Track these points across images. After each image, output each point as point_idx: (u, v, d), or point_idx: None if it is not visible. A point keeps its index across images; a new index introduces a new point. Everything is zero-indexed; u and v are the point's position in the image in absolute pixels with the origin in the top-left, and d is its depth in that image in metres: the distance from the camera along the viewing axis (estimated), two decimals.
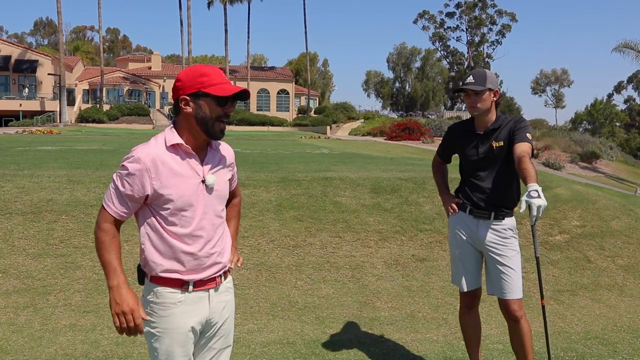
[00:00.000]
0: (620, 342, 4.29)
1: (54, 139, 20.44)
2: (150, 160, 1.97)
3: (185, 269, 2.06)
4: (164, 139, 2.04)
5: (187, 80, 2.02)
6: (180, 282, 2.06)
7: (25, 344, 3.85)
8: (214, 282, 2.13)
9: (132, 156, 1.98)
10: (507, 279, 3.26)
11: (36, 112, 42.67)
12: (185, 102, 2.02)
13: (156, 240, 2.04)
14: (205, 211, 2.08)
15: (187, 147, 2.03)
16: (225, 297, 2.21)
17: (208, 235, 2.10)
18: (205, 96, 2.00)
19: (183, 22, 49.64)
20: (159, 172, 1.98)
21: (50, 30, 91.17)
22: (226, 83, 2.02)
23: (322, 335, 4.21)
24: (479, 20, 67.75)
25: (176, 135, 2.04)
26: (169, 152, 2.01)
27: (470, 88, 3.19)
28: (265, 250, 5.49)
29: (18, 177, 6.52)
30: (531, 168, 2.96)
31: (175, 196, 2.00)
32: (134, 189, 1.98)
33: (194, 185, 2.04)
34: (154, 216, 2.04)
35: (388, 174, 8.00)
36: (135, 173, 1.96)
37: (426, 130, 32.98)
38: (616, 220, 6.71)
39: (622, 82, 68.86)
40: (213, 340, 2.20)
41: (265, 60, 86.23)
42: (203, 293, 2.11)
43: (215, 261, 2.13)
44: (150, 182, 1.97)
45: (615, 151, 31.82)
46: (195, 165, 2.06)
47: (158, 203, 2.01)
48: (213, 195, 2.11)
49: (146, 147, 2.00)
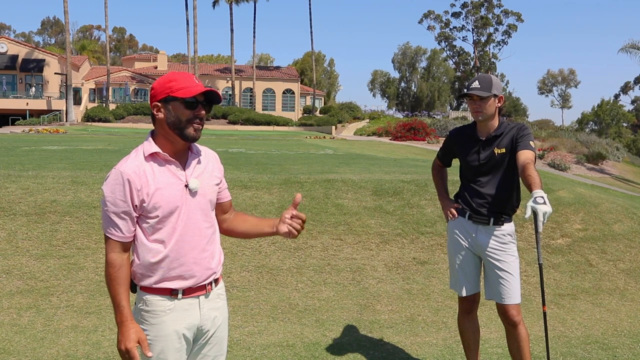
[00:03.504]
0: (620, 346, 4.29)
1: (60, 138, 20.55)
2: (133, 173, 1.98)
3: (173, 277, 2.06)
4: (142, 150, 2.05)
5: (158, 87, 2.05)
6: (169, 290, 2.06)
7: (27, 344, 3.89)
8: (204, 289, 2.13)
9: (113, 171, 2.00)
10: (506, 284, 3.27)
11: (43, 111, 42.90)
12: (157, 108, 2.05)
13: (142, 252, 2.05)
14: (191, 216, 2.08)
15: (164, 155, 2.04)
16: (217, 304, 2.20)
17: (195, 241, 2.09)
18: (173, 100, 2.02)
19: (189, 22, 49.88)
20: (142, 184, 1.98)
21: (57, 30, 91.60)
22: (193, 86, 2.02)
23: (322, 337, 4.23)
24: (485, 20, 67.54)
25: (153, 144, 2.05)
26: (148, 162, 2.03)
27: (476, 94, 3.19)
28: (266, 252, 5.51)
29: (22, 178, 6.58)
30: (536, 175, 2.97)
31: (159, 205, 2.00)
32: (126, 201, 1.98)
33: (177, 191, 2.04)
34: (139, 227, 2.04)
35: (390, 176, 8.01)
36: (119, 188, 1.97)
37: (431, 130, 32.96)
38: (619, 223, 6.69)
39: (629, 83, 68.53)
40: (206, 347, 2.19)
41: (271, 59, 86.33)
42: (193, 300, 2.10)
43: (205, 267, 2.12)
44: (135, 195, 1.98)
45: (622, 152, 31.65)
46: (176, 171, 2.06)
47: (144, 214, 2.01)
48: (198, 200, 2.10)
49: (125, 161, 2.02)
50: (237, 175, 7.56)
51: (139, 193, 1.98)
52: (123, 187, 1.97)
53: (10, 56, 46.46)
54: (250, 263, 5.31)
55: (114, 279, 2.00)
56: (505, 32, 68.36)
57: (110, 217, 1.99)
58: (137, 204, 1.99)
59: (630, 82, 68.11)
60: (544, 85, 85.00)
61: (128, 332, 1.99)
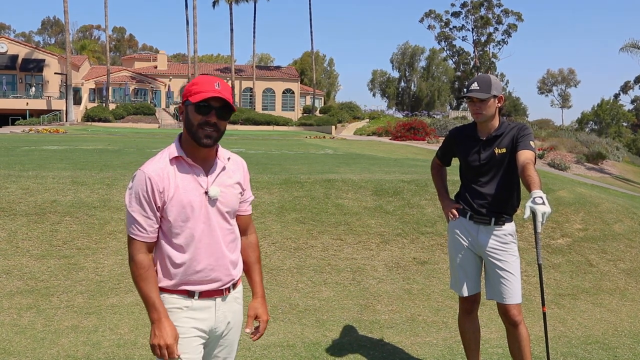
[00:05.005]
0: (620, 346, 4.29)
1: (60, 138, 20.55)
2: (156, 175, 2.01)
3: (191, 281, 2.08)
4: (168, 152, 2.08)
5: (185, 89, 2.10)
6: (186, 291, 2.09)
7: (27, 345, 3.88)
8: (221, 292, 2.15)
9: (138, 172, 2.03)
10: (507, 283, 3.27)
11: (43, 111, 42.88)
12: (181, 110, 2.11)
13: (161, 256, 2.08)
14: (210, 223, 2.08)
15: (188, 159, 2.06)
16: (233, 307, 2.21)
17: (214, 248, 2.10)
18: (189, 104, 2.06)
19: (189, 22, 49.82)
20: (164, 186, 2.01)
21: (57, 30, 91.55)
22: (208, 91, 2.02)
23: (322, 338, 4.23)
24: (485, 19, 67.51)
25: (178, 147, 2.08)
26: (172, 165, 2.05)
27: (475, 96, 3.17)
28: (266, 252, 5.51)
29: (23, 178, 6.57)
30: (535, 175, 2.96)
31: (177, 209, 2.02)
32: (150, 202, 2.01)
33: (196, 197, 2.05)
34: (160, 230, 2.07)
35: (391, 175, 8.01)
36: (143, 188, 2.00)
37: (431, 130, 32.95)
38: (619, 223, 6.69)
39: (629, 82, 68.53)
40: (217, 349, 2.21)
41: (271, 59, 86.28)
42: (209, 302, 2.12)
43: (224, 273, 2.14)
44: (157, 196, 2.00)
45: (622, 152, 31.65)
46: (198, 177, 2.08)
47: (164, 216, 2.04)
48: (218, 207, 2.10)
49: (151, 163, 2.05)
50: None
51: (162, 195, 2.01)
52: (146, 187, 1.99)
53: (10, 56, 46.44)
54: None
55: (145, 279, 2.02)
56: (505, 32, 68.32)
57: (136, 217, 2.01)
58: (159, 205, 2.02)
59: (630, 82, 68.13)
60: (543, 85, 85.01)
61: (166, 329, 2.01)
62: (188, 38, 50.37)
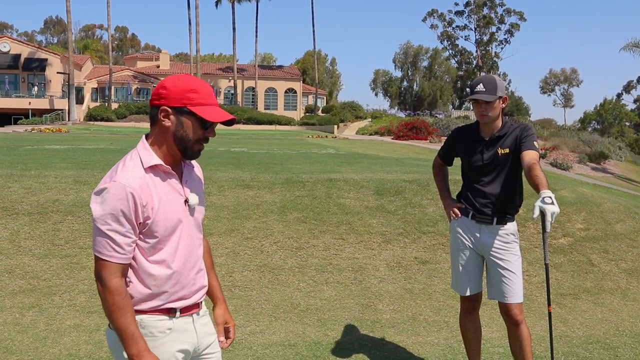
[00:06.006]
0: (622, 346, 4.29)
1: (62, 137, 20.60)
2: (137, 187, 1.76)
3: (174, 299, 1.88)
4: (140, 160, 1.82)
5: (174, 90, 1.81)
6: (167, 309, 1.88)
7: (30, 344, 3.90)
8: (197, 305, 1.99)
9: (113, 185, 1.74)
10: (509, 283, 3.27)
11: (45, 111, 42.98)
12: (166, 114, 1.81)
13: (141, 276, 1.83)
14: (189, 233, 1.92)
15: (166, 167, 1.84)
16: (205, 320, 2.05)
17: (193, 260, 1.94)
18: (190, 114, 1.81)
19: (191, 21, 49.90)
20: (147, 199, 1.78)
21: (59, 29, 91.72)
22: (216, 105, 1.85)
23: (323, 337, 4.23)
24: (487, 19, 67.46)
25: (153, 154, 1.83)
26: (148, 174, 1.81)
27: (482, 98, 3.15)
28: (268, 252, 5.52)
29: (25, 178, 6.59)
30: (542, 175, 2.96)
31: (162, 222, 1.81)
32: (131, 219, 1.75)
33: (178, 207, 1.87)
34: (138, 248, 1.82)
35: (392, 175, 8.01)
36: (123, 203, 1.73)
37: (433, 129, 32.91)
38: (621, 223, 6.69)
39: (631, 82, 68.29)
40: None
41: (273, 59, 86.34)
42: (188, 318, 1.94)
43: (200, 285, 1.99)
44: (140, 211, 1.76)
45: (625, 151, 31.59)
46: (175, 185, 1.88)
47: (146, 232, 1.80)
48: (195, 216, 1.94)
49: (126, 173, 1.77)
50: (239, 174, 7.57)
51: (144, 209, 1.76)
52: (127, 202, 1.73)
53: (13, 55, 46.57)
54: (252, 262, 5.32)
55: (122, 307, 1.74)
56: (507, 31, 68.29)
57: (112, 237, 1.73)
58: (141, 221, 1.77)
59: (633, 81, 67.89)
60: (546, 85, 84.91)
61: None
62: (190, 37, 50.62)
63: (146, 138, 1.88)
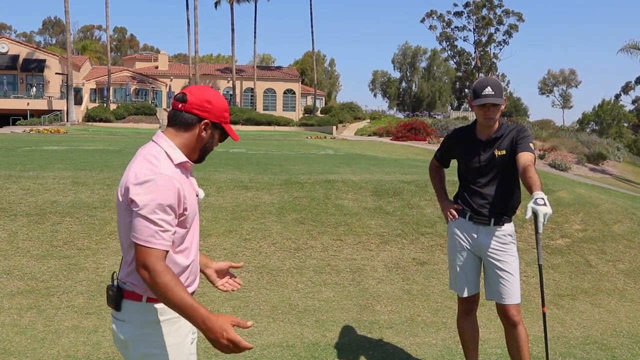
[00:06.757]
0: (619, 347, 4.30)
1: (61, 138, 20.58)
2: (178, 179, 1.94)
3: (187, 283, 2.07)
4: (169, 156, 1.97)
5: (217, 107, 2.02)
6: None
7: (28, 345, 3.90)
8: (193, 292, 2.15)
9: (161, 177, 1.88)
10: (506, 284, 3.28)
11: (43, 111, 42.92)
12: (207, 127, 2.02)
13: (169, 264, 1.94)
14: (197, 225, 2.13)
15: (190, 164, 2.04)
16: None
17: (198, 249, 2.15)
18: (220, 131, 2.07)
19: (190, 22, 49.91)
20: (183, 193, 1.94)
21: (58, 30, 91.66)
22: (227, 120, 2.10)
23: (321, 338, 4.24)
24: (486, 20, 67.50)
25: (180, 152, 2.00)
26: (177, 170, 1.97)
27: (492, 102, 3.15)
28: (266, 253, 5.53)
29: (23, 179, 6.59)
30: (536, 177, 2.99)
31: (191, 215, 2.00)
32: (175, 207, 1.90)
33: (195, 200, 2.07)
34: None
35: (391, 176, 8.02)
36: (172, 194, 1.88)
37: (432, 130, 32.97)
38: (618, 224, 6.70)
39: (629, 83, 68.42)
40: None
41: (272, 59, 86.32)
42: None
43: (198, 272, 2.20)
44: (182, 202, 1.93)
45: (623, 152, 31.62)
46: (192, 180, 2.10)
47: (180, 223, 1.97)
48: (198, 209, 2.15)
49: (165, 166, 1.93)
50: (237, 175, 7.57)
51: (184, 201, 1.94)
52: (174, 193, 1.89)
53: (11, 56, 46.51)
54: (250, 263, 5.33)
55: (175, 284, 1.81)
56: (506, 32, 68.30)
57: (161, 225, 1.85)
58: (180, 212, 1.94)
59: (631, 82, 68.02)
60: (544, 86, 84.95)
61: (219, 323, 1.79)
62: (189, 38, 50.58)
63: (167, 136, 2.02)
